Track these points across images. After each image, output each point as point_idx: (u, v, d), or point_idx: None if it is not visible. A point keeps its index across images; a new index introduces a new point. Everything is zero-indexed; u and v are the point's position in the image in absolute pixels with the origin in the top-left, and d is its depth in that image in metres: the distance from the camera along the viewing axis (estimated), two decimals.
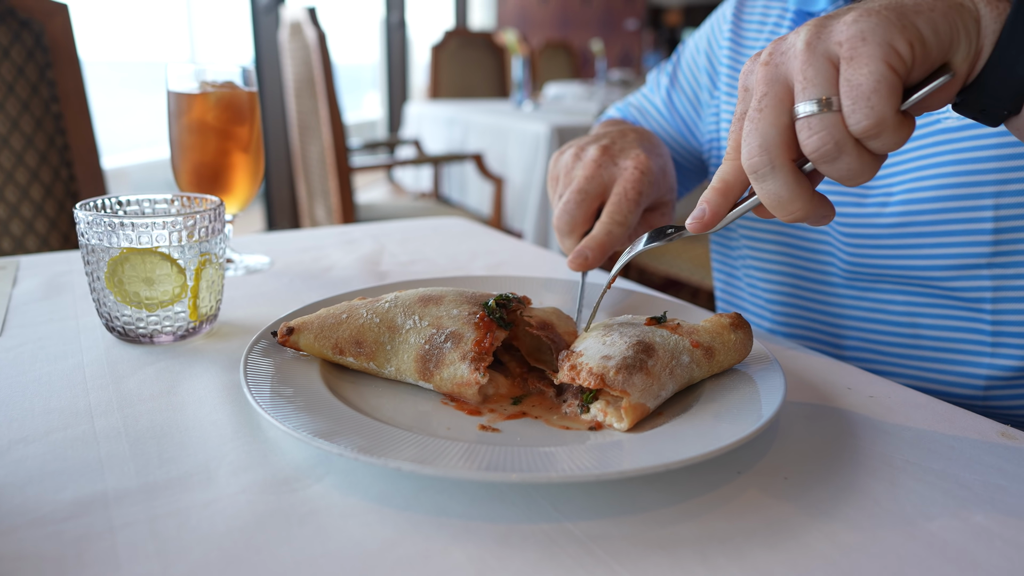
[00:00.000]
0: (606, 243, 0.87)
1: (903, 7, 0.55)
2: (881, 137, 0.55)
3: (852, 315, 1.00)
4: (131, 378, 0.75)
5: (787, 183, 0.58)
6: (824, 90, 0.55)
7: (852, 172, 0.57)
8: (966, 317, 0.90)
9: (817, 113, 0.55)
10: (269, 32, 4.92)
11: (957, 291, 0.88)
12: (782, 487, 0.59)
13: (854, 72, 0.54)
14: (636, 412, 0.63)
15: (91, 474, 0.58)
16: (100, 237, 0.78)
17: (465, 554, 0.50)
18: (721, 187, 0.64)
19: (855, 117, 0.54)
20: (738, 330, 0.71)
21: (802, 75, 0.56)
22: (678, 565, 0.49)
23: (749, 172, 0.59)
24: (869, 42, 0.53)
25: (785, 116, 0.58)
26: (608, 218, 0.88)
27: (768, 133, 0.58)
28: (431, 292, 0.75)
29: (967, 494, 0.58)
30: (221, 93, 1.09)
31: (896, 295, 0.95)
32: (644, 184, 0.89)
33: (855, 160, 0.56)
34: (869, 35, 0.53)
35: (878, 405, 0.73)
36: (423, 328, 0.70)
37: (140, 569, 0.48)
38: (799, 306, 1.06)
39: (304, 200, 3.85)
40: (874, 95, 0.53)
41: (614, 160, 0.91)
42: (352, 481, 0.58)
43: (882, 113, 0.54)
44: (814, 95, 0.55)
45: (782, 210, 0.59)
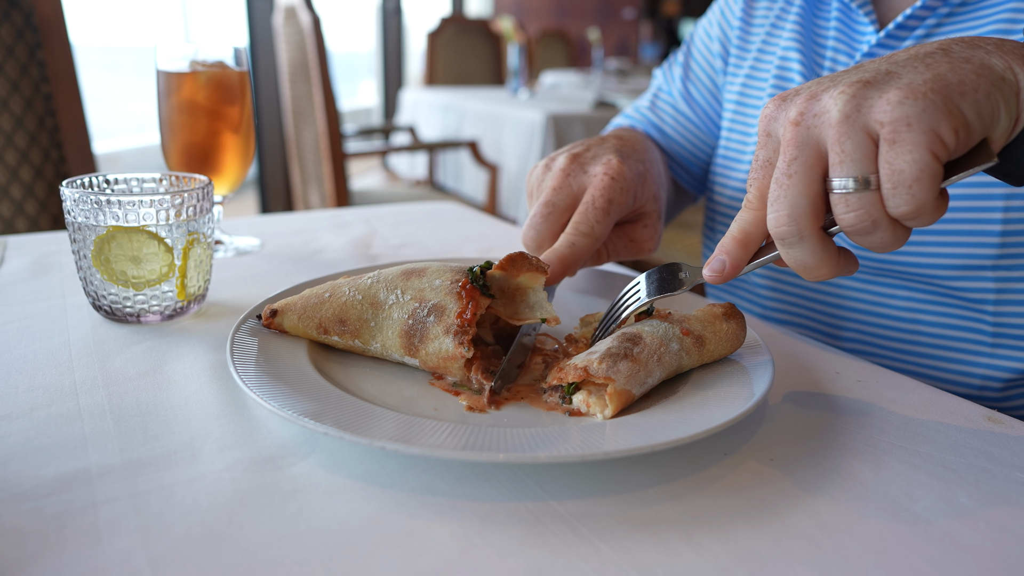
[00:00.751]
0: (568, 257, 0.79)
1: (948, 87, 0.53)
2: (918, 219, 0.54)
3: (852, 307, 1.00)
4: (117, 357, 0.75)
5: (815, 251, 0.58)
6: (863, 168, 0.54)
7: (884, 244, 0.57)
8: (967, 317, 0.90)
9: (855, 191, 0.54)
10: (263, 16, 4.88)
11: (960, 291, 0.88)
12: (768, 468, 0.59)
13: (896, 157, 0.52)
14: (621, 398, 0.62)
15: (74, 451, 0.58)
16: (87, 215, 0.77)
17: (449, 531, 0.50)
18: (742, 238, 0.62)
19: (895, 201, 0.53)
20: (731, 320, 0.71)
21: (839, 147, 0.54)
22: (662, 544, 0.49)
23: (776, 239, 0.59)
24: (914, 129, 0.52)
25: (816, 185, 0.56)
26: (572, 229, 0.81)
27: (797, 203, 0.56)
28: (414, 265, 0.75)
29: (952, 476, 0.58)
30: (212, 72, 1.08)
31: (898, 290, 0.94)
32: (614, 191, 0.83)
33: (889, 235, 0.56)
34: (915, 121, 0.52)
35: (866, 389, 0.73)
36: (406, 303, 0.70)
37: (121, 544, 0.48)
38: (798, 295, 1.06)
39: (298, 186, 3.83)
40: (916, 184, 0.52)
41: (583, 168, 0.85)
42: (337, 459, 0.58)
43: (923, 201, 0.53)
44: (852, 172, 0.54)
45: (808, 274, 0.59)
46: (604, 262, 0.91)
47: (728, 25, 1.16)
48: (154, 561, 0.46)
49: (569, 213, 0.84)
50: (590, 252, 0.82)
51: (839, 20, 0.98)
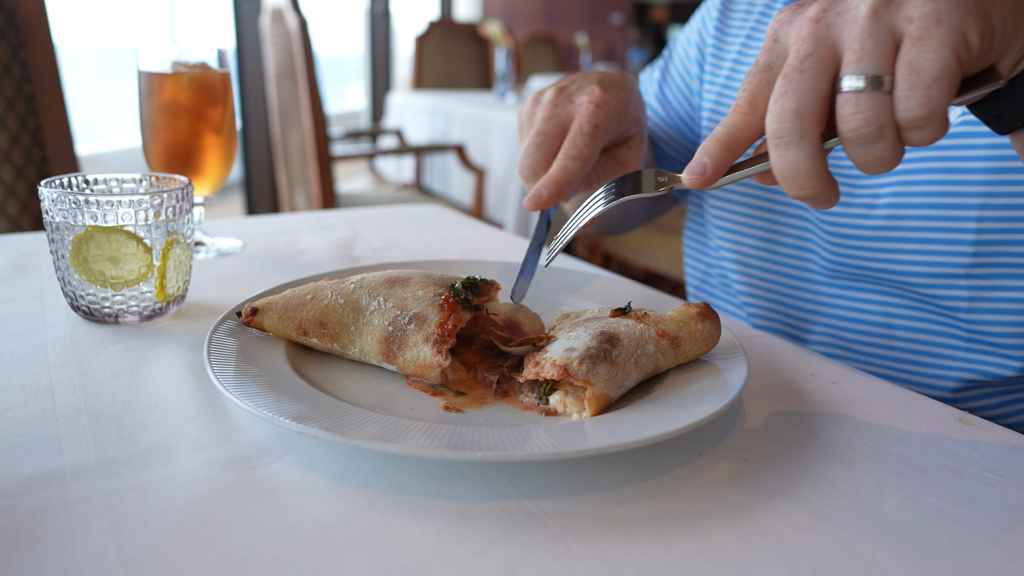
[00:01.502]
0: (561, 179, 0.85)
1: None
2: (925, 129, 0.52)
3: (826, 312, 1.00)
4: (95, 357, 0.75)
5: (810, 157, 0.54)
6: (880, 66, 0.51)
7: (881, 160, 0.54)
8: (941, 322, 0.91)
9: (866, 90, 0.52)
10: (250, 18, 4.87)
11: (934, 297, 0.89)
12: (741, 468, 0.59)
13: (919, 55, 0.50)
14: (599, 402, 0.63)
15: (49, 450, 0.58)
16: (65, 215, 0.77)
17: (422, 530, 0.50)
18: (727, 140, 0.59)
19: (908, 104, 0.51)
20: (705, 320, 0.72)
21: (859, 44, 0.52)
22: (633, 542, 0.50)
23: (773, 136, 0.55)
24: (944, 25, 0.50)
25: (827, 84, 0.54)
26: (563, 154, 0.86)
27: (806, 99, 0.53)
28: (398, 274, 0.75)
29: (922, 476, 0.59)
30: (194, 73, 1.08)
31: (873, 295, 0.95)
32: (600, 116, 0.87)
33: (889, 148, 0.53)
34: (945, 18, 0.50)
35: (840, 391, 0.74)
36: (388, 310, 0.70)
37: (94, 543, 0.48)
38: (774, 300, 1.07)
39: (284, 188, 3.83)
40: (935, 84, 0.50)
41: (570, 98, 0.90)
42: (313, 459, 0.58)
43: (938, 105, 0.50)
44: (868, 70, 0.51)
45: (795, 184, 0.55)
46: (596, 187, 0.95)
47: (706, 32, 1.17)
48: (126, 559, 0.46)
49: (559, 141, 0.89)
50: (582, 174, 0.86)
51: None
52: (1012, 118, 0.57)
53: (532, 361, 0.66)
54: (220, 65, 1.10)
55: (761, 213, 1.05)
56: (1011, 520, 0.54)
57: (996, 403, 0.91)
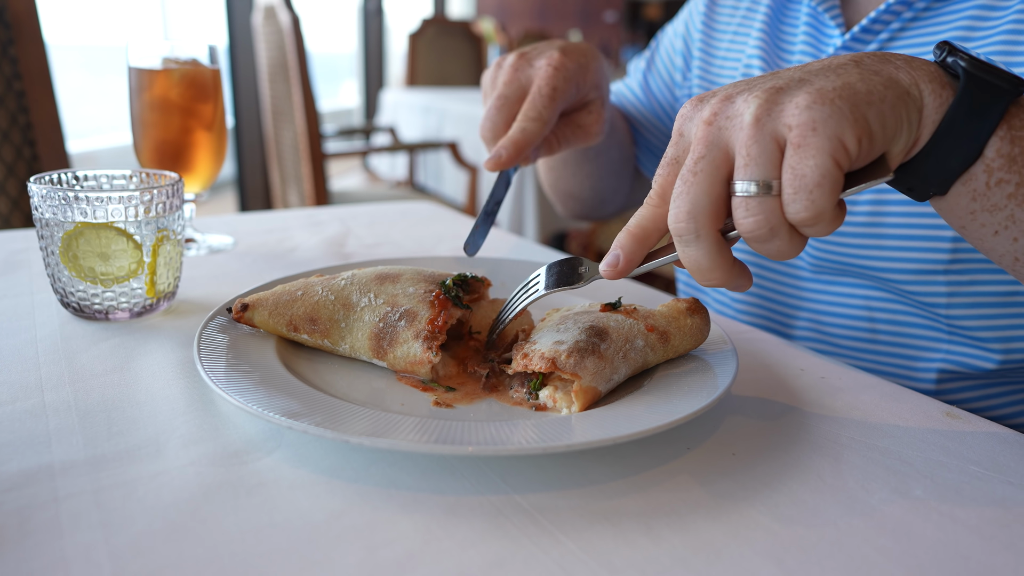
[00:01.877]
0: (520, 140, 0.88)
1: (856, 95, 0.53)
2: (816, 227, 0.55)
3: (811, 307, 1.01)
4: (85, 353, 0.74)
5: (709, 253, 0.57)
6: (766, 172, 0.54)
7: (780, 253, 0.57)
8: (922, 316, 0.91)
9: (756, 195, 0.54)
10: (243, 16, 4.86)
11: (914, 293, 0.90)
12: (729, 463, 0.60)
13: (799, 161, 0.53)
14: (587, 395, 0.63)
15: (38, 446, 0.58)
16: (54, 211, 0.77)
17: (412, 523, 0.51)
18: (639, 233, 0.62)
19: (794, 207, 0.53)
20: (695, 315, 0.72)
21: (746, 151, 0.54)
22: (621, 536, 0.50)
23: (674, 235, 0.58)
24: (819, 133, 0.52)
25: (719, 186, 0.56)
26: (522, 116, 0.89)
27: (699, 201, 0.56)
28: (388, 270, 0.75)
29: (908, 470, 0.59)
30: (185, 70, 1.07)
31: (857, 289, 0.96)
32: (558, 79, 0.90)
33: (786, 243, 0.56)
34: (820, 126, 0.52)
35: (828, 386, 0.74)
36: (378, 306, 0.70)
37: (82, 538, 0.48)
38: (760, 295, 1.07)
39: (277, 186, 3.82)
40: (817, 189, 0.52)
41: (530, 63, 0.93)
42: (303, 454, 0.58)
43: (822, 207, 0.53)
44: (756, 176, 0.54)
45: (701, 276, 0.59)
46: (557, 150, 0.98)
47: (693, 27, 1.19)
48: (115, 555, 0.46)
49: (520, 104, 0.92)
50: (540, 135, 0.90)
51: (808, 24, 0.99)
52: (922, 190, 0.59)
53: (520, 352, 0.66)
54: (211, 61, 1.09)
55: None
56: (996, 513, 0.54)
57: (980, 395, 0.92)
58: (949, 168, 0.57)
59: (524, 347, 0.66)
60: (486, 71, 0.99)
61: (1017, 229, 0.58)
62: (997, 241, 0.59)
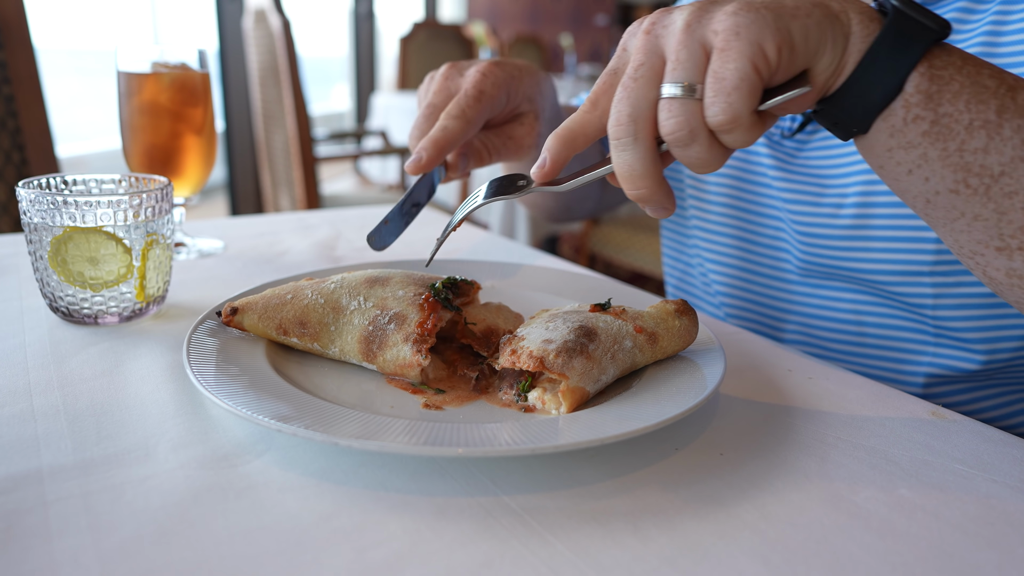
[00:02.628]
0: (440, 139, 0.85)
1: (782, 7, 0.56)
2: (734, 133, 0.56)
3: (800, 310, 1.02)
4: (74, 358, 0.74)
5: (644, 158, 0.59)
6: (691, 75, 0.56)
7: (701, 161, 0.58)
8: (909, 318, 0.92)
9: (680, 97, 0.56)
10: (233, 20, 4.85)
11: (901, 295, 0.91)
12: (717, 463, 0.60)
13: (721, 65, 0.55)
14: (575, 396, 0.63)
15: (27, 450, 0.58)
16: (43, 216, 0.77)
17: (401, 525, 0.51)
18: (566, 136, 0.63)
19: (713, 109, 0.55)
20: (683, 316, 0.72)
21: (675, 55, 0.57)
22: (610, 536, 0.50)
23: (612, 138, 0.59)
24: (742, 38, 0.54)
25: (656, 91, 0.58)
26: (444, 114, 0.87)
27: (639, 104, 0.58)
28: (378, 273, 0.75)
29: (894, 469, 0.60)
30: (175, 74, 1.07)
31: (845, 292, 0.97)
32: (485, 84, 0.89)
33: (705, 150, 0.58)
34: (743, 30, 0.54)
35: (816, 386, 0.75)
36: (368, 309, 0.71)
37: (71, 542, 0.48)
38: (750, 299, 1.08)
39: (268, 190, 3.81)
40: (735, 92, 0.54)
41: (460, 72, 0.92)
42: (293, 457, 0.58)
43: (739, 111, 0.55)
44: (681, 78, 0.56)
45: (631, 184, 0.60)
46: (488, 162, 0.98)
47: None
48: (104, 558, 0.46)
49: None
50: (462, 134, 0.87)
51: None
52: (847, 125, 0.60)
53: (509, 349, 0.66)
54: (200, 65, 1.09)
55: (737, 213, 1.06)
56: (980, 511, 0.55)
57: (967, 399, 0.93)
58: (870, 101, 0.58)
59: (512, 343, 0.66)
60: (421, 85, 0.98)
61: (928, 169, 0.59)
62: (911, 181, 0.60)
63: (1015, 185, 0.57)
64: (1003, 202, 0.57)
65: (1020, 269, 0.59)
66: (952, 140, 0.57)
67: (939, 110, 0.57)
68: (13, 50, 1.65)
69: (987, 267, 0.61)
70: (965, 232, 0.60)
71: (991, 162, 0.57)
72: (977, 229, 0.59)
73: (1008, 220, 0.58)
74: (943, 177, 0.58)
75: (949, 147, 0.57)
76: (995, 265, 0.60)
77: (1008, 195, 0.57)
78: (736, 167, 1.05)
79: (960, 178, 0.58)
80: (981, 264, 0.61)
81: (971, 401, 0.93)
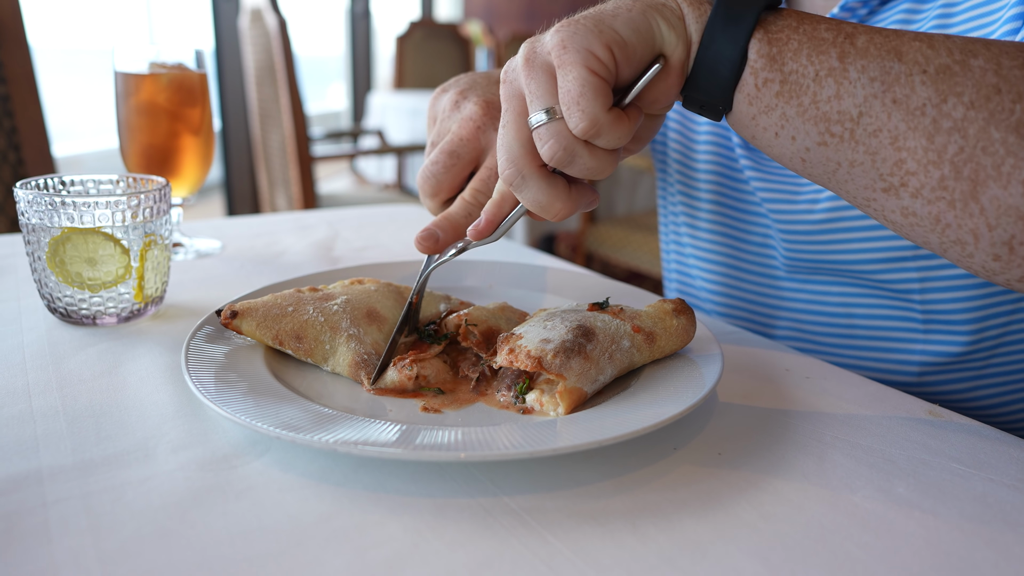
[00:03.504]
0: (462, 225, 0.76)
1: (601, 14, 0.59)
2: (602, 135, 0.58)
3: (790, 306, 1.02)
4: (72, 359, 0.74)
5: (541, 188, 0.62)
6: (547, 101, 0.59)
7: (591, 170, 0.61)
8: (897, 306, 0.93)
9: (545, 123, 0.59)
10: (229, 19, 4.84)
11: (887, 282, 0.91)
12: (715, 462, 0.60)
13: (563, 79, 0.58)
14: (572, 396, 0.63)
15: (26, 452, 0.58)
16: (41, 216, 0.77)
17: (401, 525, 0.51)
18: (498, 199, 0.69)
19: (572, 121, 0.58)
20: (681, 315, 0.72)
21: (527, 89, 0.60)
22: (609, 535, 0.51)
23: (506, 185, 0.63)
24: (569, 49, 0.57)
25: (526, 129, 0.62)
26: (472, 198, 0.77)
27: (512, 147, 0.62)
28: (379, 309, 0.76)
29: (892, 468, 0.60)
30: (172, 74, 1.07)
31: (832, 286, 0.97)
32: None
33: (590, 159, 0.60)
34: (569, 42, 0.57)
35: (814, 386, 0.75)
36: (365, 344, 0.72)
37: (71, 543, 0.48)
38: (741, 298, 1.08)
39: (265, 189, 3.81)
40: (582, 98, 0.57)
41: (495, 122, 0.79)
42: (292, 458, 0.58)
43: (593, 114, 0.57)
44: (539, 107, 0.59)
45: (546, 213, 0.63)
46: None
47: None
48: (104, 559, 0.46)
49: (471, 167, 0.80)
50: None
51: None
52: (712, 105, 0.63)
53: (507, 347, 0.66)
54: (198, 66, 1.09)
55: (724, 211, 1.06)
56: (977, 509, 0.55)
57: (964, 388, 0.93)
58: (722, 76, 0.60)
59: (510, 341, 0.66)
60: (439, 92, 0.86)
61: (792, 127, 0.60)
62: (781, 144, 0.62)
63: (876, 123, 0.57)
64: (870, 142, 0.58)
65: (911, 205, 0.59)
66: (804, 95, 0.59)
67: (784, 69, 0.59)
68: (9, 49, 1.65)
69: (885, 212, 0.62)
70: (849, 181, 0.61)
71: (846, 106, 0.58)
72: (858, 175, 0.60)
73: (882, 159, 0.58)
74: (807, 132, 0.60)
75: (804, 101, 0.59)
76: (890, 208, 0.61)
77: (872, 134, 0.58)
78: (719, 171, 1.06)
79: (823, 129, 0.59)
80: (879, 211, 0.62)
81: (968, 391, 0.93)
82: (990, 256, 0.58)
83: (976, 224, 0.56)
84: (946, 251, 0.60)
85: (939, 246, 0.60)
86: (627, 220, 3.39)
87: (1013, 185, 0.54)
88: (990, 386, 0.94)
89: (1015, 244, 0.56)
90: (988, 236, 0.56)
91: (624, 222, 3.35)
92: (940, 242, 0.59)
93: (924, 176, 0.57)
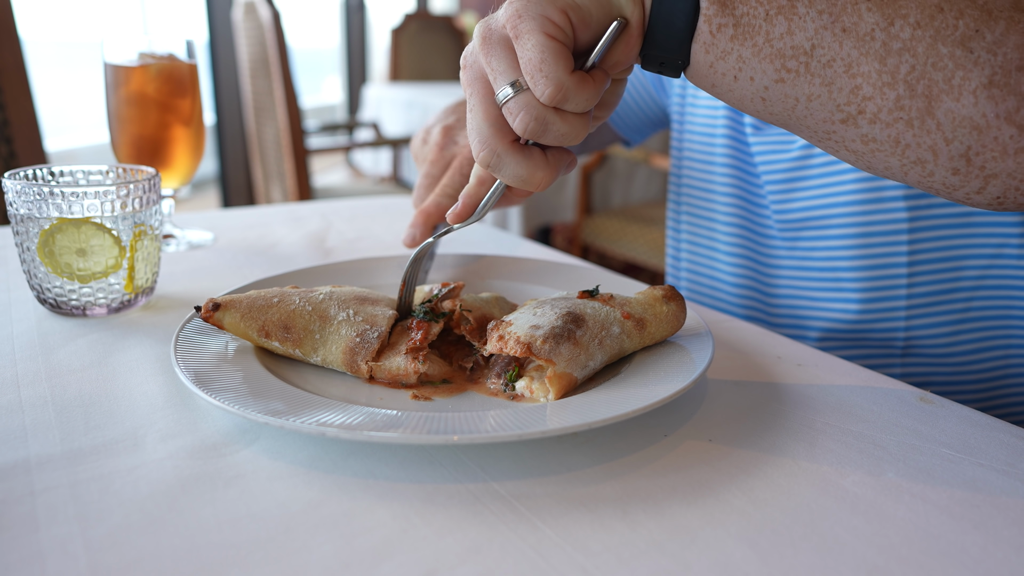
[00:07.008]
0: (433, 213, 0.90)
1: None
2: (570, 98, 0.59)
3: (784, 264, 1.04)
4: (62, 349, 0.74)
5: (518, 163, 0.62)
6: (511, 75, 0.60)
7: (564, 136, 0.61)
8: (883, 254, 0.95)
9: (512, 96, 0.60)
10: (223, 11, 4.82)
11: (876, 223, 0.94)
12: (706, 449, 0.60)
13: (522, 49, 0.58)
14: (562, 381, 0.63)
15: (14, 441, 0.58)
16: (29, 207, 0.77)
17: (389, 512, 0.51)
18: (475, 182, 0.71)
19: (538, 89, 0.58)
20: (671, 302, 0.72)
21: (489, 68, 0.61)
22: (598, 521, 0.51)
23: (484, 167, 0.64)
24: (525, 17, 0.58)
25: (493, 107, 0.62)
26: (439, 190, 0.91)
27: (482, 128, 0.62)
28: (368, 293, 0.75)
29: (882, 453, 0.60)
30: (161, 65, 1.07)
31: (818, 240, 1.00)
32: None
33: (562, 125, 0.60)
34: (523, 11, 0.58)
35: (805, 373, 0.75)
36: (356, 322, 0.70)
37: (59, 531, 0.48)
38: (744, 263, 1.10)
39: (260, 183, 3.80)
40: (544, 64, 0.57)
41: (453, 139, 0.97)
42: (281, 446, 0.58)
43: (557, 78, 0.57)
44: (505, 81, 0.60)
45: (528, 184, 0.63)
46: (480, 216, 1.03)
47: None
48: (91, 547, 0.46)
49: None
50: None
51: None
52: (671, 61, 0.63)
53: (496, 334, 0.66)
54: (188, 56, 1.09)
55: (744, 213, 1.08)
56: (966, 493, 0.55)
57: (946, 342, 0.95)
58: (677, 28, 0.61)
59: (500, 328, 0.66)
60: (416, 136, 1.03)
61: (749, 68, 0.61)
62: (740, 87, 0.62)
63: (829, 53, 0.59)
64: (825, 72, 0.59)
65: (870, 132, 0.60)
66: (758, 35, 0.60)
67: (736, 12, 0.60)
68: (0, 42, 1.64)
69: (845, 143, 0.63)
70: (808, 116, 0.62)
71: (799, 40, 0.59)
72: (816, 108, 0.61)
73: (837, 88, 0.59)
74: (764, 71, 0.61)
75: (758, 41, 0.60)
76: (850, 137, 0.62)
77: (826, 65, 0.59)
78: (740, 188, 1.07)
79: (779, 65, 0.60)
80: (840, 143, 0.63)
81: (950, 335, 0.95)
82: (949, 171, 0.60)
83: (934, 140, 0.59)
84: (907, 174, 0.62)
85: (900, 169, 0.62)
86: (623, 211, 3.38)
87: (965, 96, 0.56)
88: (969, 331, 0.95)
89: (971, 155, 0.58)
90: (946, 150, 0.59)
91: (620, 214, 3.35)
92: (901, 164, 0.61)
93: (880, 99, 0.59)
